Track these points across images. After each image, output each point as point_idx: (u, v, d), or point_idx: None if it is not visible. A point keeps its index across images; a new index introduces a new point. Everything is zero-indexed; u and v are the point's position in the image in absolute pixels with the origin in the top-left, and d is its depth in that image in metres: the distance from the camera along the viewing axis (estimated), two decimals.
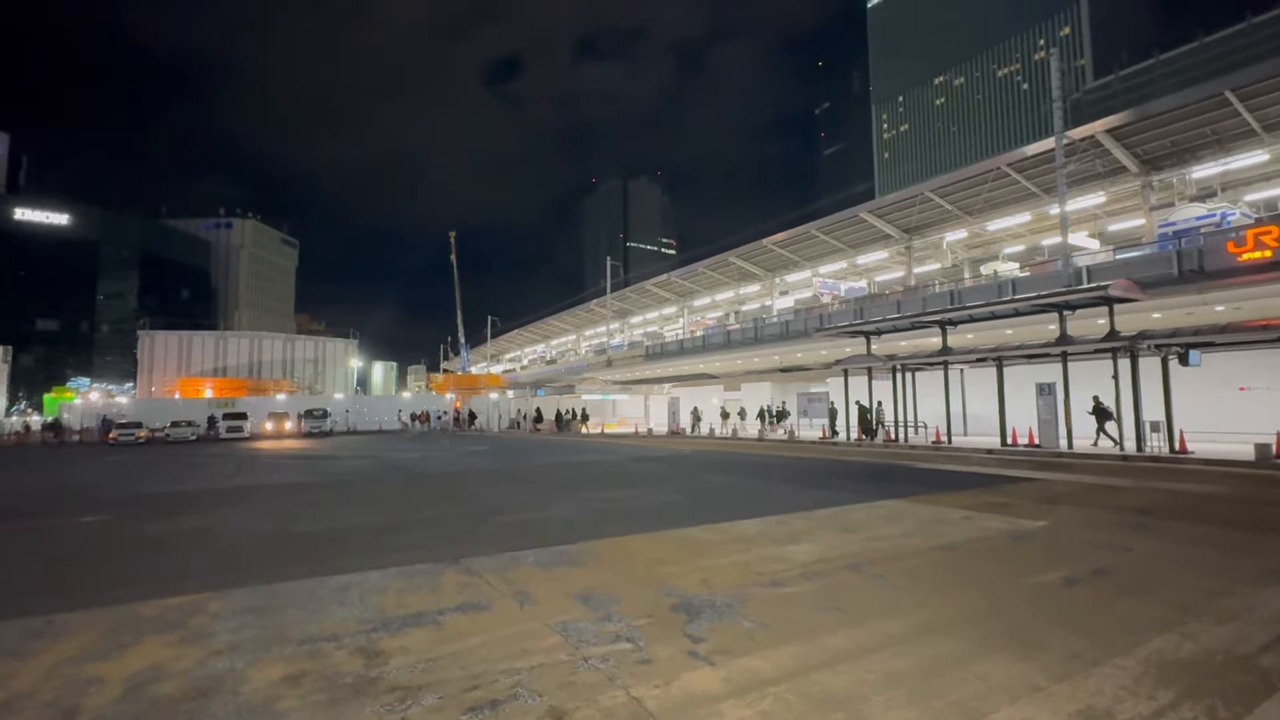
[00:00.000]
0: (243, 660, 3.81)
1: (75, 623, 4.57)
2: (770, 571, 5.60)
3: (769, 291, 41.56)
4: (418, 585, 5.38)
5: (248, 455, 23.89)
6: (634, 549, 6.68)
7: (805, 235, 35.56)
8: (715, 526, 7.72)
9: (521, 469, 17.02)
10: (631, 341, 54.99)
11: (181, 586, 5.48)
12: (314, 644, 4.05)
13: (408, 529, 8.45)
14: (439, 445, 28.56)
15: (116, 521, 9.37)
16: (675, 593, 5.01)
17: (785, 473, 14.63)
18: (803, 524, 7.83)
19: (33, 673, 3.68)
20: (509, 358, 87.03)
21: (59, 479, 16.59)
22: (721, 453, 20.92)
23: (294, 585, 5.45)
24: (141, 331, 55.85)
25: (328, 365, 61.54)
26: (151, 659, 3.84)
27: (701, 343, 39.37)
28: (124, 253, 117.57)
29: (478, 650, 3.90)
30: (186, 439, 36.23)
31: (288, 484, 14.12)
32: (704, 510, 9.31)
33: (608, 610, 4.60)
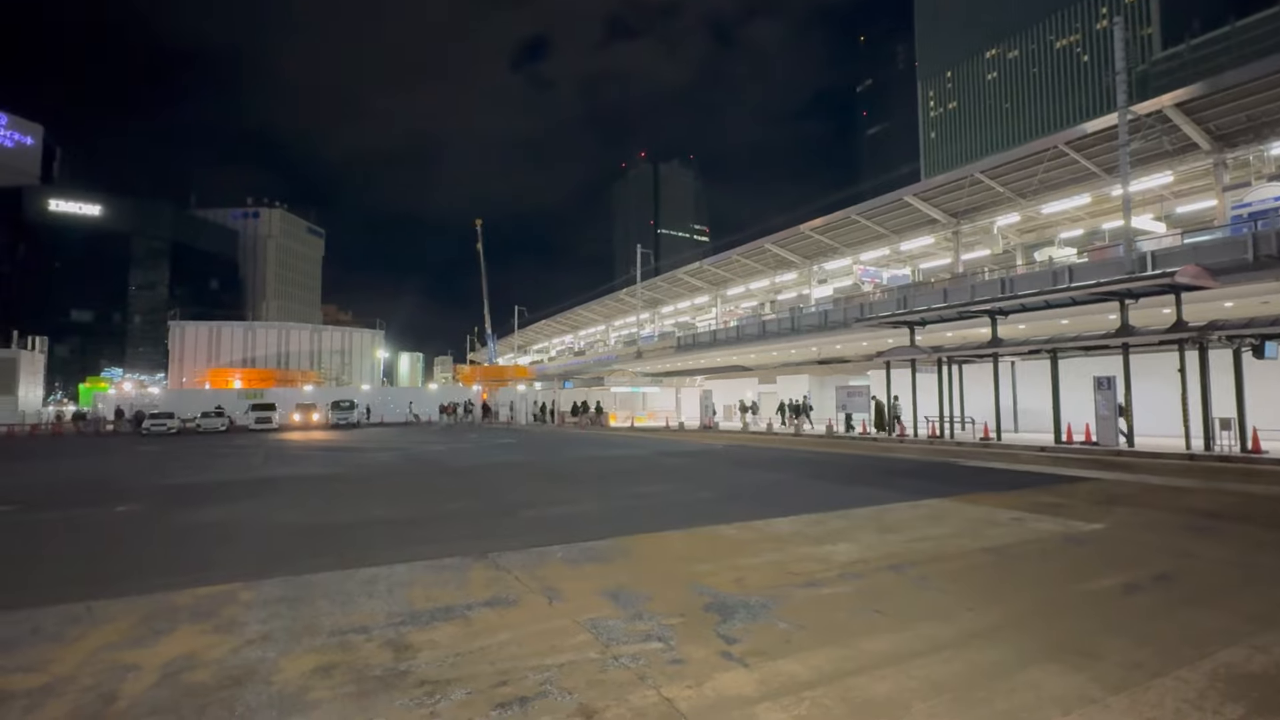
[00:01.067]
0: (274, 650, 3.95)
1: (113, 610, 4.78)
2: (807, 572, 5.57)
3: (807, 280, 41.08)
4: (445, 579, 5.50)
5: (276, 446, 24.60)
6: (665, 546, 6.71)
7: (845, 220, 35.02)
8: (749, 524, 7.71)
9: (549, 463, 17.19)
10: (662, 332, 54.93)
11: (213, 576, 5.70)
12: (343, 636, 4.18)
13: (435, 522, 8.63)
14: (466, 438, 29.00)
15: (150, 511, 9.76)
16: (708, 592, 5.02)
17: (823, 469, 14.51)
18: (841, 523, 7.76)
19: (73, 657, 3.87)
20: (536, 349, 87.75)
21: (94, 469, 17.33)
22: (756, 448, 20.82)
23: (323, 577, 5.62)
24: (172, 322, 57.88)
25: (354, 356, 62.93)
26: (186, 647, 4.01)
27: (735, 333, 39.14)
28: (155, 243, 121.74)
29: (506, 646, 3.97)
30: (217, 429, 37.45)
31: (315, 475, 14.51)
32: (737, 507, 9.30)
33: (638, 608, 4.64)
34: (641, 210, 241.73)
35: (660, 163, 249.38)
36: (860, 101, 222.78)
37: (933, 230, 33.10)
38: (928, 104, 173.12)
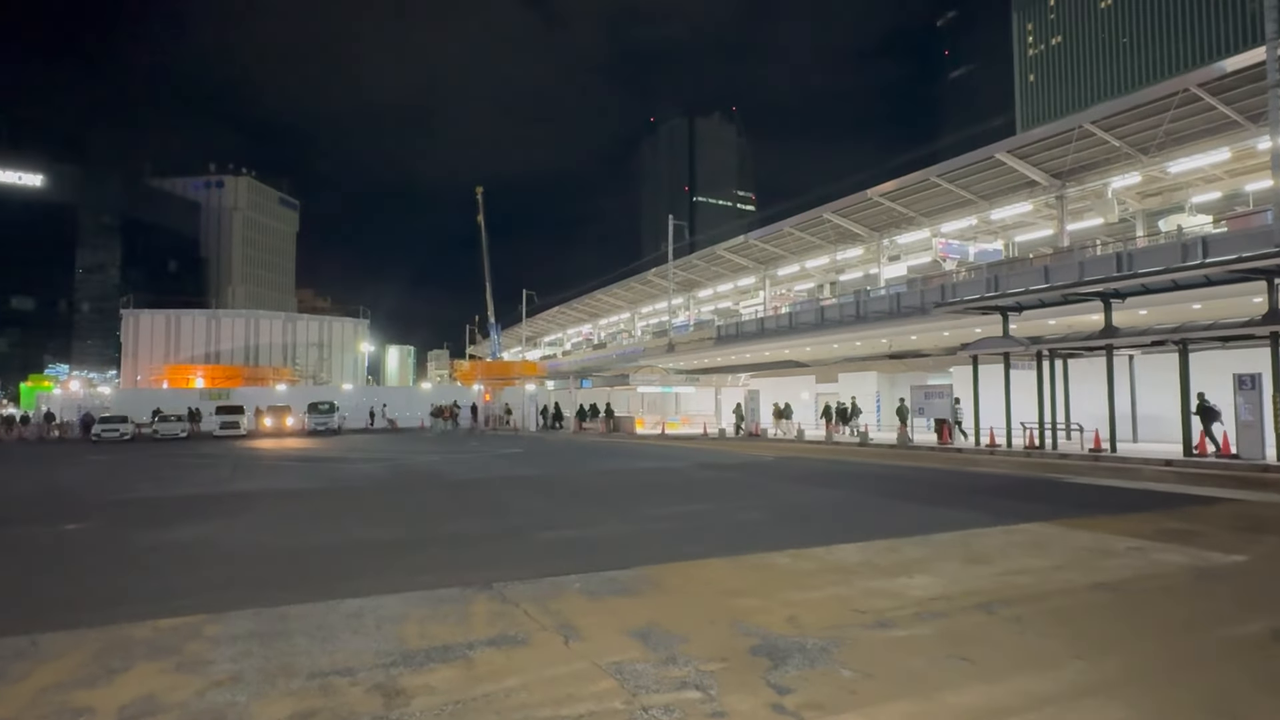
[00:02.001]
0: (245, 693, 4.04)
1: (61, 644, 4.94)
2: (876, 609, 5.53)
3: (875, 256, 40.62)
4: (444, 613, 5.57)
5: (246, 455, 25.17)
6: (704, 577, 6.71)
7: (922, 184, 34.51)
8: (806, 552, 7.68)
9: (565, 477, 17.31)
10: (699, 320, 54.81)
11: (176, 606, 5.84)
12: (325, 678, 4.26)
13: (430, 546, 8.75)
14: (465, 446, 29.36)
15: (103, 530, 10.06)
16: (755, 632, 5.02)
17: (895, 486, 14.39)
18: (918, 551, 7.69)
19: (18, 699, 4.01)
20: (548, 341, 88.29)
21: (39, 480, 17.90)
22: (812, 459, 20.70)
23: (301, 609, 5.73)
24: (125, 311, 59.49)
25: (334, 350, 64.06)
26: (146, 688, 4.12)
27: (788, 322, 38.89)
28: (105, 218, 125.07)
29: (515, 693, 4.01)
30: (176, 436, 38.44)
31: (292, 490, 14.82)
32: (791, 531, 9.27)
33: (671, 650, 4.65)
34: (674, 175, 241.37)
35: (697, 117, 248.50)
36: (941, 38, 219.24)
37: (1031, 195, 32.45)
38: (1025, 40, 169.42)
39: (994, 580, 6.42)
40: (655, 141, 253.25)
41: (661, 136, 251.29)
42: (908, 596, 5.89)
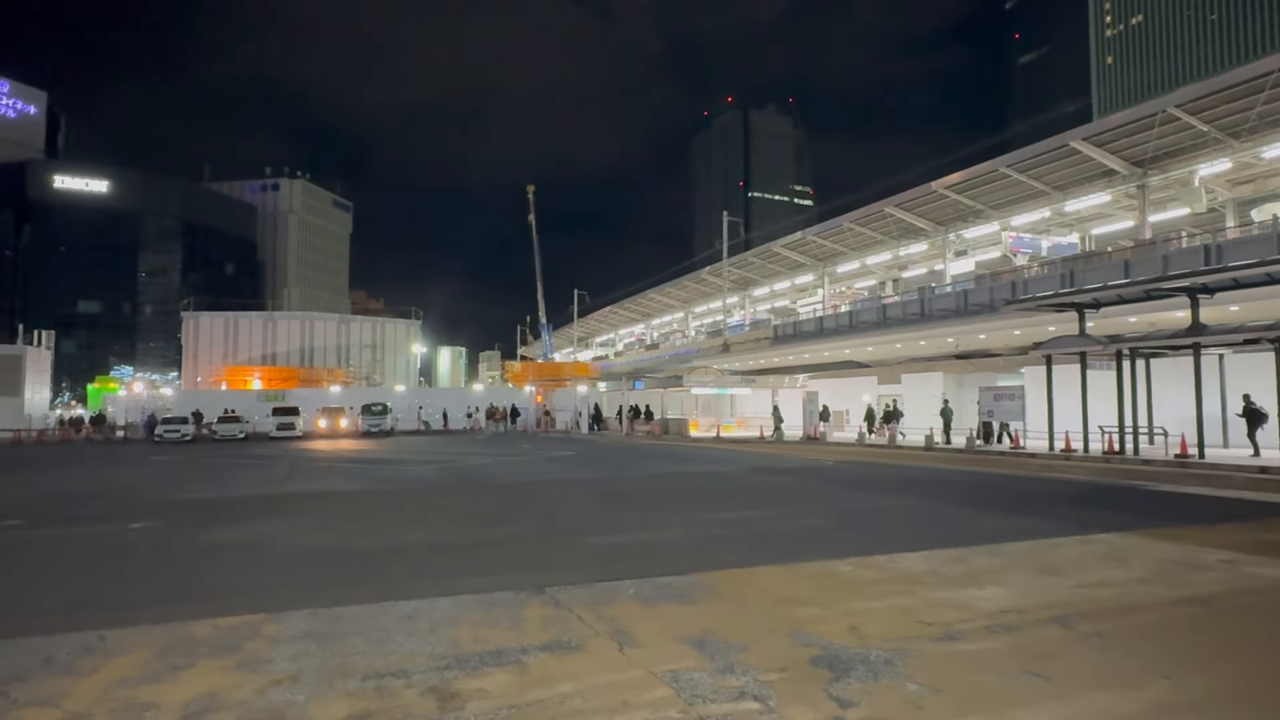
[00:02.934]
0: (303, 693, 4.17)
1: (127, 640, 5.18)
2: (943, 621, 5.42)
3: (940, 252, 39.82)
4: (496, 617, 5.66)
5: (301, 457, 25.96)
6: (761, 584, 6.67)
7: (991, 175, 33.72)
8: (868, 560, 7.57)
9: (618, 480, 17.40)
10: (754, 320, 54.47)
11: (235, 605, 6.07)
12: (380, 679, 4.37)
13: (483, 549, 8.90)
14: (517, 448, 29.73)
15: (166, 529, 10.52)
16: (815, 642, 4.96)
17: (963, 492, 14.08)
18: (987, 560, 7.51)
19: (88, 693, 4.21)
20: (600, 341, 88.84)
21: (106, 481, 18.79)
22: (875, 464, 20.39)
23: (356, 610, 5.89)
24: (185, 314, 61.96)
25: (387, 351, 65.54)
26: (208, 685, 4.29)
27: (848, 321, 38.39)
28: (166, 222, 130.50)
29: (569, 699, 4.05)
30: (234, 437, 39.84)
31: (346, 492, 15.24)
32: (852, 538, 9.15)
33: (728, 659, 4.64)
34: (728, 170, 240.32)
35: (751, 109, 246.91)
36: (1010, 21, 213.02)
37: (1109, 185, 31.41)
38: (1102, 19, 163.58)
39: (1070, 593, 6.23)
40: (709, 136, 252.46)
41: (715, 131, 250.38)
42: (977, 608, 5.76)
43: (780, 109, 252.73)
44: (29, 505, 13.49)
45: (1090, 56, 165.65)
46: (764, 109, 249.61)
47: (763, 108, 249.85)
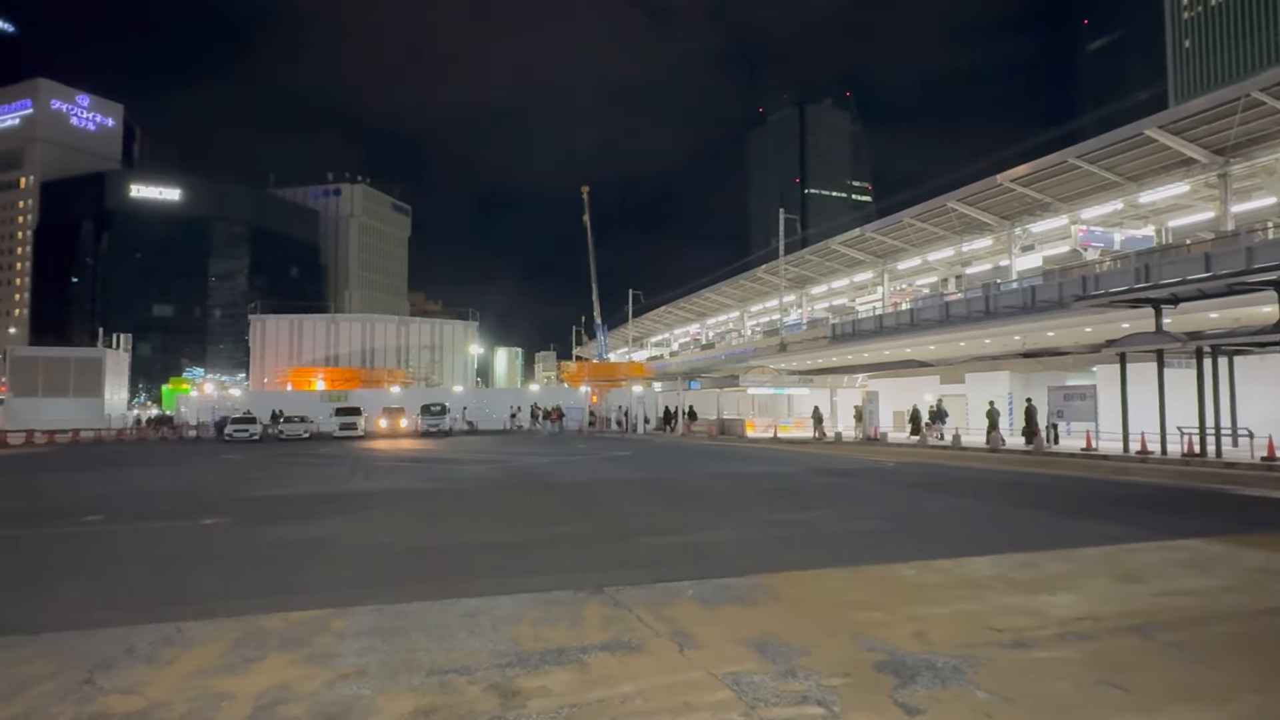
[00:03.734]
0: (370, 687, 4.28)
1: (203, 632, 5.39)
2: (1013, 628, 5.27)
3: (1005, 247, 38.76)
4: (556, 616, 5.71)
5: (363, 456, 26.63)
6: (822, 587, 6.60)
7: (1059, 166, 32.68)
8: (933, 564, 7.41)
9: (674, 481, 17.41)
10: (812, 319, 53.85)
11: (303, 600, 6.27)
12: (444, 676, 4.46)
13: (541, 548, 9.00)
14: (573, 448, 29.96)
15: (236, 525, 10.92)
16: (879, 646, 4.88)
17: (1031, 495, 13.70)
18: (1059, 566, 7.28)
19: (167, 682, 4.40)
20: (655, 341, 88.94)
21: (179, 478, 19.59)
22: (937, 465, 19.97)
23: (419, 607, 6.02)
24: (253, 316, 64.16)
25: (445, 352, 66.75)
26: (279, 678, 4.44)
27: (909, 319, 37.65)
28: (234, 228, 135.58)
29: (630, 700, 4.07)
30: (299, 436, 41.09)
31: (407, 490, 15.59)
32: (916, 541, 8.98)
33: (790, 662, 4.59)
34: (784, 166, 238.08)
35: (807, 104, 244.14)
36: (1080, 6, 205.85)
37: (1187, 175, 30.13)
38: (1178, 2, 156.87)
39: (1150, 601, 5.99)
40: (764, 133, 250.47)
41: (771, 127, 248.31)
42: (1049, 615, 5.58)
43: (837, 103, 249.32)
44: (109, 501, 14.15)
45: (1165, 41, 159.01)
46: (820, 104, 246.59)
47: (819, 103, 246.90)
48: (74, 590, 7.14)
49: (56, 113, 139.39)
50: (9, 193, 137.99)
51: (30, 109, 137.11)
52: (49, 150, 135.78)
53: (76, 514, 12.27)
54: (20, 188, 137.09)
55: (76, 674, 4.54)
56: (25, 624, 5.71)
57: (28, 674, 4.56)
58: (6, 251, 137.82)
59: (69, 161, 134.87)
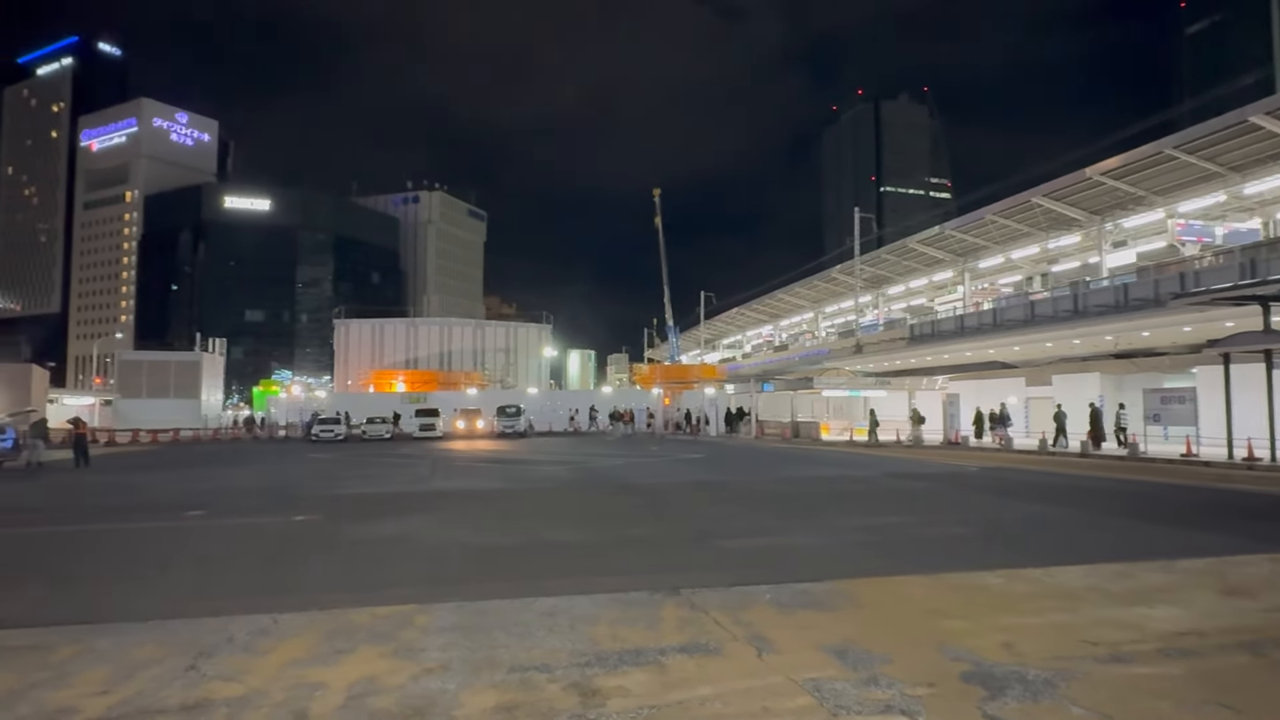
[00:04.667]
0: (454, 682, 4.39)
1: (297, 624, 5.63)
2: (1109, 641, 5.04)
3: (1095, 243, 37.09)
4: (633, 617, 5.75)
5: (442, 457, 27.32)
6: (904, 594, 6.45)
7: (1155, 158, 31.09)
8: (1020, 573, 7.15)
9: (748, 484, 17.29)
10: (889, 319, 52.64)
11: (389, 596, 6.49)
12: (524, 673, 4.54)
13: (616, 549, 9.06)
14: (646, 450, 30.06)
15: (324, 522, 11.36)
16: (965, 656, 4.74)
17: (1124, 503, 13.08)
18: (1159, 578, 6.93)
19: (265, 670, 4.62)
20: (727, 343, 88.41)
21: (271, 476, 20.49)
22: (1024, 471, 19.28)
23: (499, 605, 6.15)
24: (337, 321, 66.67)
25: (519, 354, 67.96)
26: (367, 670, 4.60)
27: (992, 319, 36.39)
28: (319, 236, 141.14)
29: (709, 703, 4.06)
30: (381, 437, 42.46)
31: (484, 491, 15.93)
32: (1002, 549, 8.70)
33: (872, 670, 4.51)
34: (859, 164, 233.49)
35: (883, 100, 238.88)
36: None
37: None
38: None
39: (1260, 616, 5.65)
40: (838, 130, 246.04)
41: (845, 124, 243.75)
42: (1148, 629, 5.32)
43: (914, 98, 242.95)
44: (208, 498, 14.88)
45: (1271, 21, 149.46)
46: (896, 99, 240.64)
47: (895, 98, 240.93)
48: (177, 581, 7.57)
49: (158, 130, 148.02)
50: (116, 206, 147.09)
51: (135, 127, 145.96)
52: (151, 166, 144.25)
53: (179, 509, 12.97)
54: (126, 201, 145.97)
55: (182, 660, 4.81)
56: (135, 611, 6.08)
57: (139, 658, 4.86)
58: (114, 262, 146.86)
59: (169, 175, 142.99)
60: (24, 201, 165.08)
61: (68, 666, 4.72)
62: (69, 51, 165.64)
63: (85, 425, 26.67)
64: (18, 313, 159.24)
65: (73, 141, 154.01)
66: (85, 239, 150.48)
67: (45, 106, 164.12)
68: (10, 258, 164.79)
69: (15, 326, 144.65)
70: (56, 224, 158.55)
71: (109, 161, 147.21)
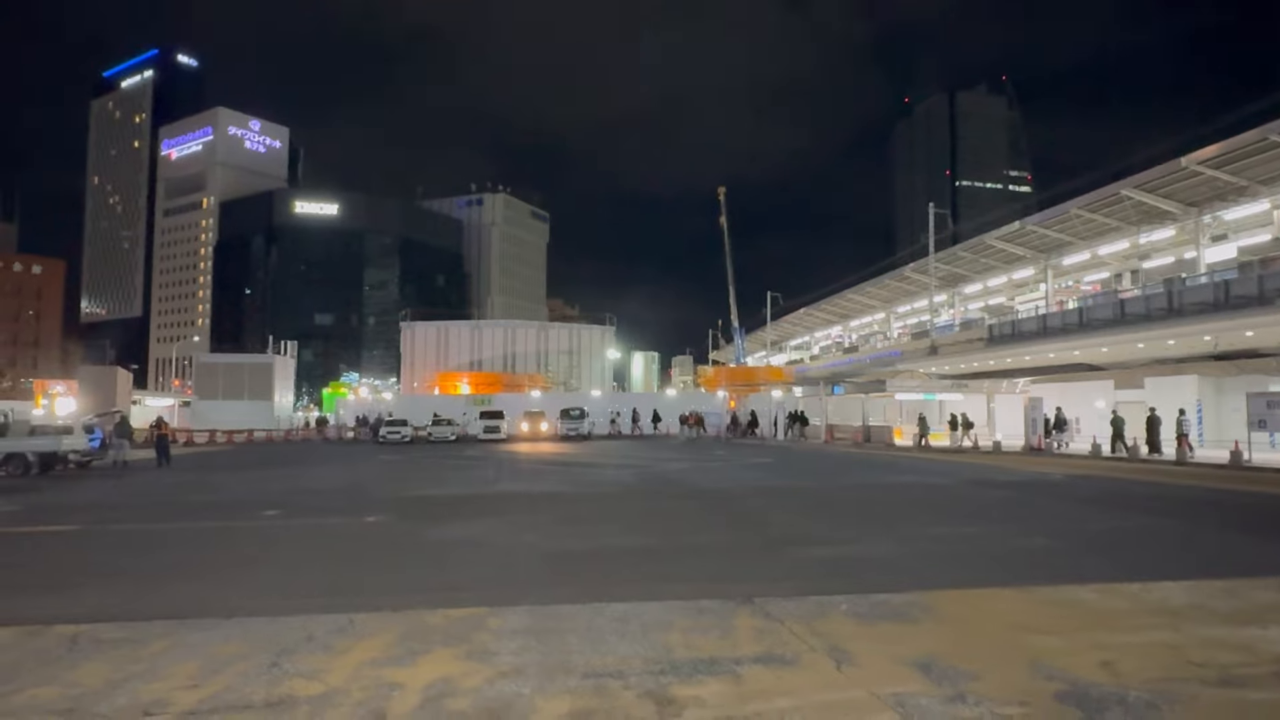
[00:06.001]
0: (528, 686, 4.45)
1: (372, 625, 5.80)
2: (1217, 663, 4.80)
3: (1191, 237, 35.42)
4: (706, 625, 5.73)
5: (507, 459, 27.74)
6: (989, 608, 6.27)
7: (1259, 145, 29.51)
8: (1117, 588, 6.87)
9: (819, 490, 17.07)
10: (965, 319, 51.29)
11: (461, 598, 6.62)
12: (599, 679, 4.57)
13: (685, 555, 9.06)
14: (712, 454, 29.94)
15: (395, 524, 11.68)
16: (1059, 675, 4.58)
17: (1226, 515, 12.47)
18: (1270, 596, 6.58)
19: (343, 669, 4.77)
20: (794, 345, 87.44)
21: (341, 477, 21.13)
22: (1115, 479, 18.53)
23: (570, 609, 6.21)
24: (403, 324, 68.38)
25: (582, 356, 68.52)
26: (443, 671, 4.71)
27: (1077, 318, 35.09)
28: (385, 239, 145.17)
29: (788, 715, 4.02)
30: (447, 439, 43.36)
31: (550, 493, 16.11)
32: (1095, 562, 8.39)
33: (958, 686, 4.39)
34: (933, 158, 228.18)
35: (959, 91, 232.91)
36: None
37: None
38: None
39: None
40: (911, 123, 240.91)
41: (918, 117, 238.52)
42: (1261, 651, 5.05)
43: (991, 89, 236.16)
44: (283, 498, 15.44)
45: None
46: (973, 90, 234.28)
47: (972, 88, 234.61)
48: (257, 579, 7.87)
49: (233, 138, 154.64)
50: (193, 213, 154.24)
51: (211, 135, 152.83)
52: (226, 173, 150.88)
53: (257, 509, 13.49)
54: (203, 208, 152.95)
55: (265, 657, 5.00)
56: (220, 608, 6.35)
57: (225, 654, 5.08)
58: (190, 267, 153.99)
59: (243, 182, 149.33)
60: (109, 210, 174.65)
61: (159, 660, 4.96)
62: (150, 64, 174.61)
63: (167, 426, 28.03)
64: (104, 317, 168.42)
65: (153, 151, 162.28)
66: (165, 245, 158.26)
67: (128, 117, 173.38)
68: (97, 264, 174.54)
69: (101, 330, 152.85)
70: (139, 231, 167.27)
71: (187, 169, 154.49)
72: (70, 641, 5.41)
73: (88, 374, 46.39)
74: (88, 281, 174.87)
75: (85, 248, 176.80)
